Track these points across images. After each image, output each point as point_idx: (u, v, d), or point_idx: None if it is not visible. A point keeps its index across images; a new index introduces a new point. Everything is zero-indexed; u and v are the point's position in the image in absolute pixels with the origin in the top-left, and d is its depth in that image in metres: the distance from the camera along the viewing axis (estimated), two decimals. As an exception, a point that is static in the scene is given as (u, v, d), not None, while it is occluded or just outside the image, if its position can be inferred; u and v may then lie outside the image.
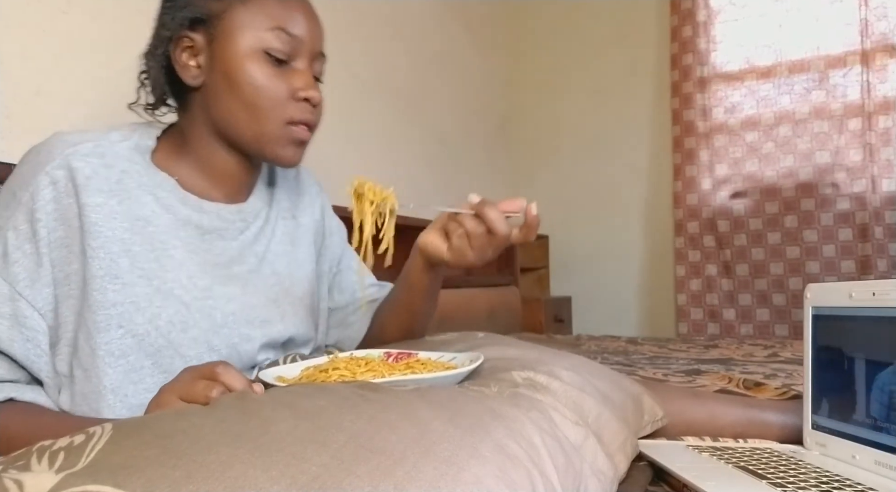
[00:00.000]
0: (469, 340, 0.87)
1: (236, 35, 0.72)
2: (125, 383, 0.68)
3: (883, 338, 0.68)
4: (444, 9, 2.81)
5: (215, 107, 0.75)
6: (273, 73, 0.73)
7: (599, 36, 3.15)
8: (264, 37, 0.73)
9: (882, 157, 2.46)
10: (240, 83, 0.72)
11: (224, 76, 0.73)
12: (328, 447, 0.40)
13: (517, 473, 0.44)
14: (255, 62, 0.73)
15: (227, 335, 0.74)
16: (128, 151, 0.73)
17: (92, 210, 0.68)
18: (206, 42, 0.73)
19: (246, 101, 0.73)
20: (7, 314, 0.65)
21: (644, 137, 3.04)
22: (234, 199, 0.82)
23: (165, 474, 0.36)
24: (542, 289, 3.15)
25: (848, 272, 2.51)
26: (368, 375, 0.64)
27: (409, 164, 2.51)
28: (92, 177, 0.69)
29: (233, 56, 0.72)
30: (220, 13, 0.73)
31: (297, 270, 0.88)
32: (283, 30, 0.73)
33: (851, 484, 0.63)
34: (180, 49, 0.74)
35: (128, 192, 0.71)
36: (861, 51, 2.48)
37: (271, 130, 0.75)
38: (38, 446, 0.40)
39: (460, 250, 0.78)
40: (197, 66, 0.74)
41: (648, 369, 1.36)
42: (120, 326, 0.67)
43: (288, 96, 0.74)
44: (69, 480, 0.36)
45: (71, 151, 0.69)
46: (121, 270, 0.68)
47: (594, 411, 0.65)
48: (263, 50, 0.73)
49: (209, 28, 0.73)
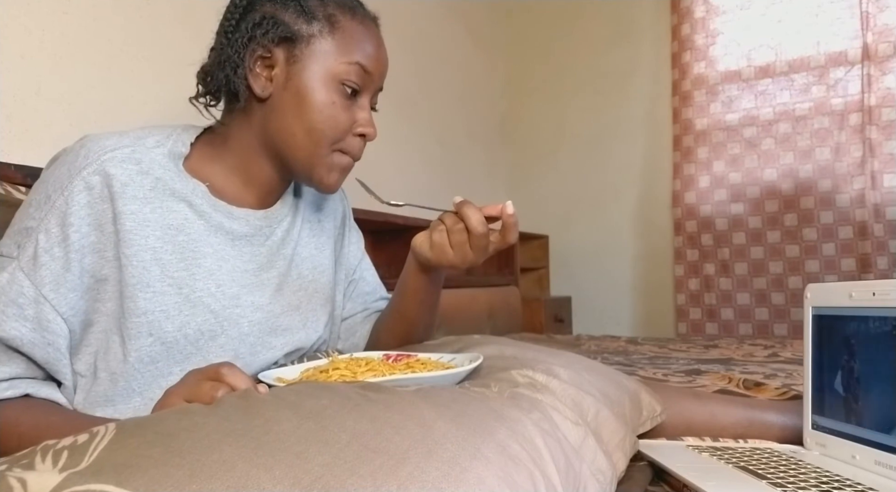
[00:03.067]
0: (465, 338, 0.88)
1: (318, 61, 0.75)
2: (153, 387, 0.69)
3: (883, 338, 0.68)
4: (444, 9, 2.81)
5: (276, 121, 0.76)
6: (342, 103, 0.76)
7: (599, 35, 3.15)
8: (343, 68, 0.75)
9: (883, 152, 2.45)
10: (310, 105, 0.75)
11: (296, 95, 0.75)
12: (331, 447, 0.40)
13: (519, 474, 0.44)
14: (329, 90, 0.75)
15: (252, 344, 0.76)
16: (162, 158, 0.74)
17: (127, 218, 0.68)
18: (285, 59, 0.75)
19: (310, 123, 0.75)
20: (31, 317, 0.65)
21: (644, 137, 3.04)
22: (262, 204, 0.83)
23: (168, 474, 0.36)
24: (542, 289, 3.15)
25: (848, 270, 2.50)
26: (369, 375, 0.64)
27: (409, 164, 2.51)
28: (128, 184, 0.69)
29: (310, 79, 0.75)
30: (308, 37, 0.75)
31: (321, 276, 0.89)
32: (361, 65, 0.76)
33: (851, 484, 0.63)
34: (256, 59, 0.75)
35: (161, 200, 0.72)
36: (862, 44, 2.46)
37: (323, 155, 0.77)
38: (42, 444, 0.40)
39: (440, 246, 0.79)
40: (269, 78, 0.76)
41: (648, 369, 1.36)
42: (150, 334, 0.68)
43: (347, 129, 0.78)
44: (72, 479, 0.36)
45: (108, 157, 0.69)
46: (152, 279, 0.69)
47: (592, 409, 0.66)
48: (340, 80, 0.76)
49: (293, 48, 0.75)
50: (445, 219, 0.79)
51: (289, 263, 0.84)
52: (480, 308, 2.39)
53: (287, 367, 0.75)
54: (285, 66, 0.75)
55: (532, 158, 3.32)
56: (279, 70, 0.75)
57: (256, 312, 0.77)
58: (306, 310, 0.85)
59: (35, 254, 0.66)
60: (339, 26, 0.76)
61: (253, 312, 0.77)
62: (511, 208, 0.79)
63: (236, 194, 0.79)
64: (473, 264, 0.80)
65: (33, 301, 0.65)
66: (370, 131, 0.79)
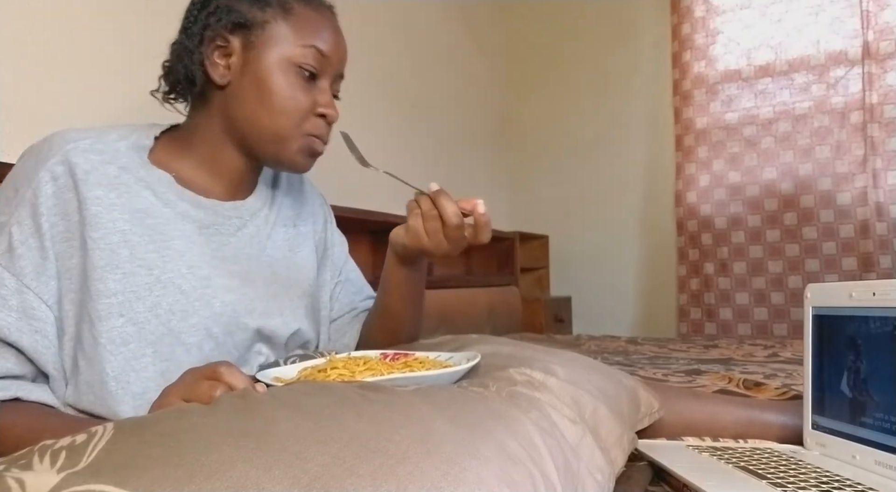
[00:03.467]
0: (462, 338, 0.88)
1: (273, 46, 0.77)
2: (127, 371, 0.69)
3: (883, 338, 0.68)
4: (444, 9, 2.81)
5: (238, 107, 0.78)
6: (300, 85, 0.78)
7: (599, 35, 3.15)
8: (299, 52, 0.77)
9: (885, 150, 2.43)
10: (269, 89, 0.76)
11: (254, 80, 0.77)
12: (330, 447, 0.40)
13: (518, 473, 0.44)
14: (286, 73, 0.77)
15: (226, 324, 0.76)
16: (125, 150, 0.76)
17: (92, 202, 0.69)
18: (241, 46, 0.77)
19: (271, 106, 0.77)
20: (15, 307, 0.66)
21: (644, 137, 3.04)
22: (232, 196, 0.84)
23: (167, 474, 0.36)
24: (542, 289, 3.15)
25: (849, 269, 2.48)
26: (367, 374, 0.64)
27: (409, 164, 2.51)
28: (91, 171, 0.71)
29: (267, 64, 0.76)
30: (262, 23, 0.77)
31: (297, 274, 0.89)
32: (316, 48, 0.78)
33: (851, 484, 0.63)
34: (213, 48, 0.77)
35: (126, 186, 0.73)
36: (863, 42, 2.46)
37: (289, 137, 0.78)
38: (39, 445, 0.40)
39: (415, 231, 0.80)
40: (227, 66, 0.78)
41: (648, 369, 1.36)
42: (121, 314, 0.69)
43: (309, 109, 0.79)
44: (71, 479, 0.36)
45: (70, 147, 0.71)
46: (121, 260, 0.70)
47: (590, 407, 0.66)
48: (297, 64, 0.77)
49: (249, 35, 0.77)
50: (421, 203, 0.80)
51: (259, 258, 0.83)
52: (480, 308, 2.39)
53: (285, 366, 0.75)
54: (242, 52, 0.77)
55: (532, 157, 3.32)
56: (236, 57, 0.77)
57: (229, 293, 0.76)
58: (283, 299, 0.84)
59: (11, 246, 0.67)
60: (292, 12, 0.78)
61: (225, 293, 0.76)
62: (482, 208, 0.79)
63: (204, 185, 0.81)
64: (449, 254, 0.81)
65: (16, 292, 0.66)
66: (331, 112, 0.81)
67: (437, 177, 2.69)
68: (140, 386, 0.69)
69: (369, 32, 2.30)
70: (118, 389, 0.68)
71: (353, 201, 1.94)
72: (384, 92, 2.37)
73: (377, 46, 2.34)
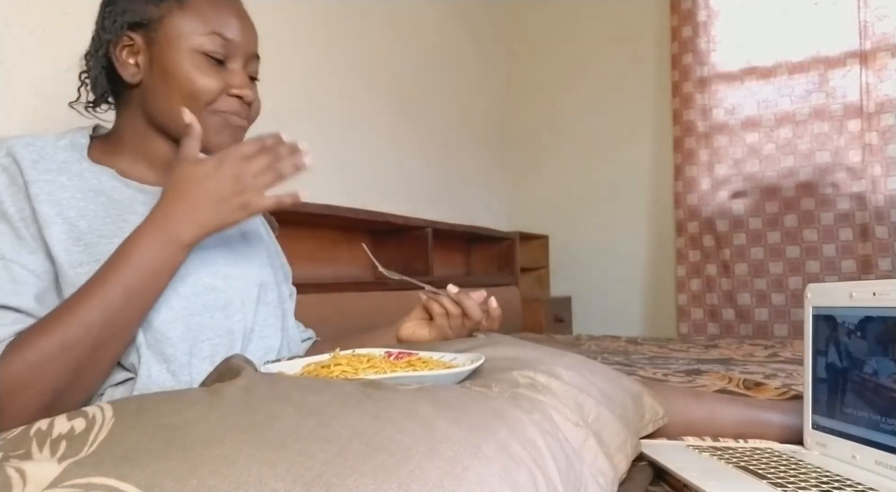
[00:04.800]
0: (468, 340, 0.87)
1: (174, 39, 0.78)
2: None
3: (883, 338, 0.68)
4: (444, 9, 2.81)
5: (153, 102, 0.80)
6: (209, 71, 0.79)
7: (599, 36, 3.16)
8: (201, 40, 0.78)
9: (882, 156, 2.46)
10: (178, 79, 0.78)
11: (162, 74, 0.78)
12: (333, 444, 0.40)
13: (520, 473, 0.44)
14: (192, 61, 0.78)
15: (193, 284, 0.77)
16: (64, 147, 0.78)
17: (44, 184, 0.72)
18: (145, 43, 0.79)
19: (183, 94, 0.78)
20: (4, 278, 0.67)
21: (644, 137, 3.04)
22: None
23: (170, 468, 0.36)
24: (542, 289, 3.15)
25: (849, 272, 2.50)
26: (370, 371, 0.64)
27: (409, 164, 2.51)
28: (38, 160, 0.73)
29: (172, 57, 0.77)
30: (159, 18, 0.78)
31: (254, 246, 0.91)
32: (219, 34, 0.79)
33: (851, 484, 0.63)
34: (120, 48, 0.79)
35: (73, 172, 0.76)
36: (860, 51, 2.48)
37: (205, 119, 0.79)
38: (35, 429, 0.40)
39: (442, 329, 0.91)
40: (136, 64, 0.79)
41: (648, 369, 1.36)
42: None
43: (221, 91, 0.80)
44: (72, 470, 0.35)
45: (13, 143, 0.73)
46: (81, 232, 0.72)
47: (594, 411, 0.66)
48: (200, 52, 0.78)
49: (149, 31, 0.78)
50: (446, 305, 0.90)
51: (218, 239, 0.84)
52: (480, 308, 2.38)
53: (288, 362, 0.75)
54: (147, 49, 0.78)
55: (532, 158, 3.32)
56: (143, 55, 0.79)
57: (192, 254, 0.77)
58: (250, 255, 0.87)
59: None
60: (188, 2, 0.78)
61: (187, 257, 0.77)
62: (494, 303, 0.92)
63: (146, 178, 0.83)
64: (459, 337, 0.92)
65: (2, 268, 0.67)
66: (246, 93, 0.81)
67: (437, 177, 2.69)
68: None
69: (370, 33, 2.30)
70: None
71: (353, 201, 1.94)
72: (385, 92, 2.37)
73: (377, 46, 2.34)
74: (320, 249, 1.99)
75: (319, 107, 2.03)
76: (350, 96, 2.18)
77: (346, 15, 2.16)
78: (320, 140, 2.01)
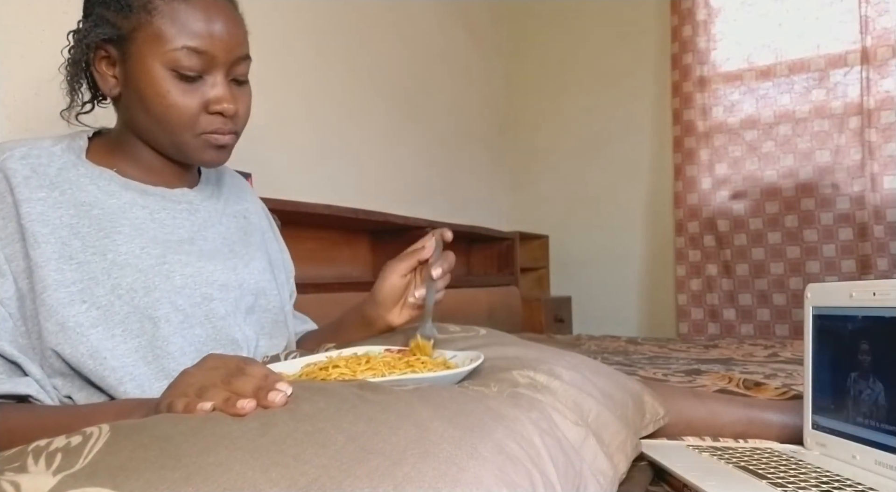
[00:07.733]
0: (471, 337, 0.87)
1: (145, 55, 0.73)
2: (101, 350, 0.69)
3: (883, 338, 0.68)
4: (444, 9, 2.81)
5: (131, 117, 0.78)
6: (183, 89, 0.74)
7: (599, 36, 3.15)
8: (170, 57, 0.72)
9: (882, 154, 2.46)
10: (150, 99, 0.74)
11: (136, 91, 0.74)
12: (327, 449, 0.40)
13: (517, 473, 0.44)
14: (163, 80, 0.73)
15: (189, 296, 0.76)
16: (61, 152, 0.77)
17: (36, 203, 0.70)
18: (120, 58, 0.75)
19: (157, 116, 0.75)
20: None
21: (644, 137, 3.04)
22: (175, 187, 0.84)
23: (164, 477, 0.36)
24: (542, 289, 3.15)
25: (848, 272, 2.50)
26: (368, 373, 0.64)
27: (409, 164, 2.50)
28: (31, 176, 0.72)
29: (142, 74, 0.73)
30: (129, 32, 0.73)
31: (254, 251, 0.90)
32: (191, 48, 0.73)
33: (851, 484, 0.63)
34: (98, 60, 0.76)
35: (69, 182, 0.74)
36: (861, 48, 2.47)
37: (186, 141, 0.77)
38: (33, 446, 0.40)
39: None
40: (115, 77, 0.76)
41: (648, 369, 1.36)
42: (83, 300, 0.69)
43: (199, 110, 0.76)
44: (67, 481, 0.35)
45: (7, 157, 0.72)
46: (74, 251, 0.71)
47: (594, 411, 0.65)
48: (171, 69, 0.73)
49: (122, 46, 0.74)
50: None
51: (215, 240, 0.84)
52: (480, 308, 2.39)
53: (287, 362, 0.74)
54: (122, 64, 0.75)
55: (532, 158, 3.32)
56: (119, 68, 0.75)
57: (187, 267, 0.77)
58: (249, 261, 0.86)
59: None
60: (157, 13, 0.72)
61: (183, 267, 0.76)
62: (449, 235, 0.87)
63: (145, 178, 0.81)
64: None
65: None
66: (227, 107, 0.76)
67: (437, 177, 2.69)
68: (118, 361, 0.70)
69: (370, 33, 2.29)
70: (96, 365, 0.69)
71: (353, 201, 1.94)
72: (385, 92, 2.37)
73: (378, 47, 2.34)
74: (320, 249, 1.98)
75: (319, 107, 2.03)
76: (350, 96, 2.18)
77: (346, 15, 2.16)
78: (320, 140, 2.01)
